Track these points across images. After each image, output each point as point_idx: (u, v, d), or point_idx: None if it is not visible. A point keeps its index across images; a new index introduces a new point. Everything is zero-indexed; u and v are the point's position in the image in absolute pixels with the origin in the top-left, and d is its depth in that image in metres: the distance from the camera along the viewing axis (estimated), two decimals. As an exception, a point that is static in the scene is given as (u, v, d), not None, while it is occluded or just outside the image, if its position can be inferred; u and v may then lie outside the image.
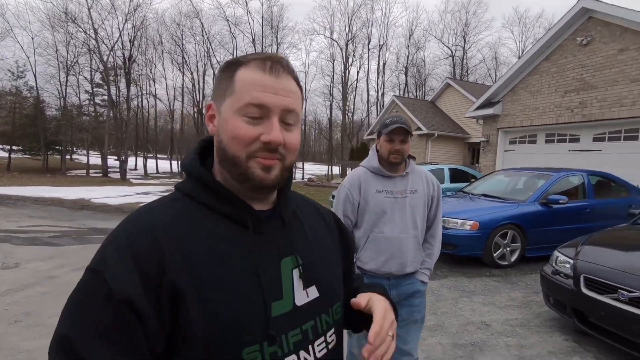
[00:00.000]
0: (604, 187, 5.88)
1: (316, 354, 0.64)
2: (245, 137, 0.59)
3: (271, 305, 0.59)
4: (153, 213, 0.60)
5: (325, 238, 0.77)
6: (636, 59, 7.60)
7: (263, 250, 0.62)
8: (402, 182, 1.77)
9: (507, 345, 2.91)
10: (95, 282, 0.53)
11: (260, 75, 0.60)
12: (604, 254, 3.01)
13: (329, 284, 0.71)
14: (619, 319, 2.57)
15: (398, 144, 1.68)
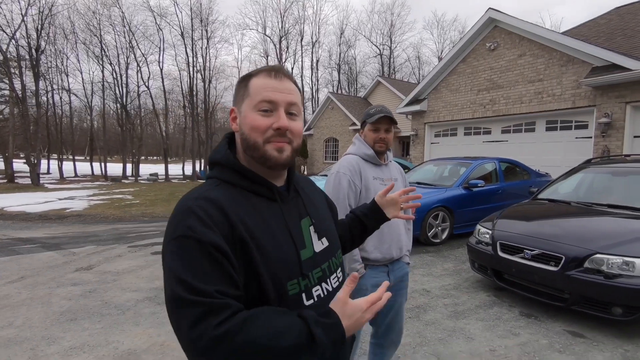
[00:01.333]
0: (511, 172, 6.98)
1: (332, 285, 0.87)
2: (261, 126, 0.79)
3: (300, 252, 0.81)
4: (212, 193, 0.77)
5: (322, 203, 1.04)
6: (532, 63, 9.02)
7: (288, 214, 0.84)
8: (387, 170, 1.88)
9: (445, 305, 3.49)
10: (190, 242, 0.69)
11: (268, 80, 0.81)
12: (513, 224, 3.74)
13: (333, 235, 0.96)
14: (524, 272, 3.28)
15: (383, 133, 1.78)
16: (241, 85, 0.85)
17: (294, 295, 0.76)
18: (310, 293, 0.80)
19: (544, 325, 3.06)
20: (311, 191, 1.01)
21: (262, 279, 0.73)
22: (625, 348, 2.69)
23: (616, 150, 7.47)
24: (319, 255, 0.86)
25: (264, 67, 0.85)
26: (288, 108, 0.82)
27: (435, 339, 2.85)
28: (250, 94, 0.82)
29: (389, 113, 1.78)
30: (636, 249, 2.82)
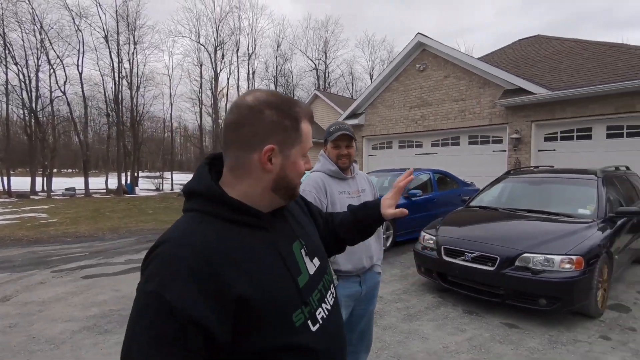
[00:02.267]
0: (443, 182, 7.65)
1: (330, 303, 0.88)
2: (304, 171, 0.84)
3: (297, 279, 0.78)
4: (198, 237, 0.69)
5: (306, 220, 1.02)
6: (455, 84, 10.06)
7: (280, 242, 0.80)
8: (353, 183, 1.94)
9: (398, 309, 3.70)
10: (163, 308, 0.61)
11: (310, 127, 0.84)
12: (454, 229, 4.13)
13: (322, 251, 0.96)
14: (466, 273, 3.63)
15: (344, 149, 1.86)
16: (289, 125, 0.79)
17: (300, 325, 0.75)
18: (315, 318, 0.79)
19: (484, 320, 3.41)
20: (296, 210, 1.00)
21: (267, 321, 0.70)
22: (550, 334, 3.12)
23: (525, 162, 8.62)
24: (314, 276, 0.85)
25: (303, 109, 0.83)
26: None
27: (394, 342, 3.01)
28: (302, 141, 0.81)
29: (347, 130, 1.86)
30: (554, 247, 3.31)
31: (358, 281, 1.89)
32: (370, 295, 1.97)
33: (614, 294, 4.06)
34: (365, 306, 1.97)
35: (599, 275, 3.38)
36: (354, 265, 1.85)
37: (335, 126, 1.91)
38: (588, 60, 8.72)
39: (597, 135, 7.77)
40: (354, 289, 1.87)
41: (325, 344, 0.80)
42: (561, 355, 2.77)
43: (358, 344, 2.04)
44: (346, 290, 1.84)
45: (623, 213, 3.91)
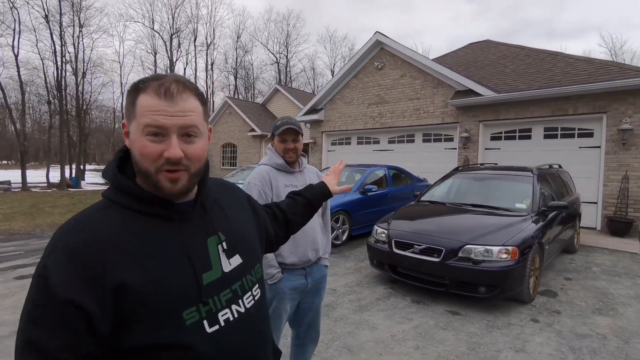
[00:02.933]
0: (398, 177, 7.92)
1: (245, 305, 0.83)
2: (151, 154, 0.71)
3: (202, 276, 0.75)
4: (91, 222, 0.70)
5: (241, 213, 0.97)
6: (411, 83, 10.41)
7: (191, 235, 0.77)
8: (301, 176, 1.95)
9: (350, 301, 3.79)
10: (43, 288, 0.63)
11: (157, 101, 0.70)
12: (404, 223, 4.29)
13: (249, 250, 0.90)
14: (415, 265, 3.80)
15: (291, 143, 1.86)
16: (129, 99, 0.74)
17: (192, 324, 0.71)
18: (215, 318, 0.75)
19: (430, 308, 3.59)
20: (230, 201, 0.96)
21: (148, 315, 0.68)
22: (488, 319, 3.36)
23: (473, 159, 9.14)
24: (229, 275, 0.81)
25: (155, 80, 0.73)
26: (183, 132, 0.73)
27: (344, 332, 3.09)
28: (136, 115, 0.72)
29: (293, 124, 1.87)
30: (493, 239, 3.56)
31: (304, 274, 1.91)
32: (317, 288, 2.00)
33: (545, 280, 4.45)
34: (312, 299, 2.00)
35: (532, 264, 3.68)
36: (299, 258, 1.87)
37: (281, 120, 1.91)
38: (530, 65, 9.40)
39: (536, 136, 8.42)
40: (299, 282, 1.89)
41: (221, 348, 0.75)
42: (496, 338, 3.00)
43: (305, 337, 2.07)
44: (291, 283, 1.86)
45: (553, 207, 4.28)
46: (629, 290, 4.16)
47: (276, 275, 1.82)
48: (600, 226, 7.48)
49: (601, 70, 7.62)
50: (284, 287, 1.84)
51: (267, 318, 0.95)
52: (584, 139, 7.79)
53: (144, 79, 0.74)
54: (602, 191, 7.42)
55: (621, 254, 5.78)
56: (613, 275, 4.68)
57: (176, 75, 0.76)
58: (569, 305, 3.70)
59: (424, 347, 2.86)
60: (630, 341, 2.98)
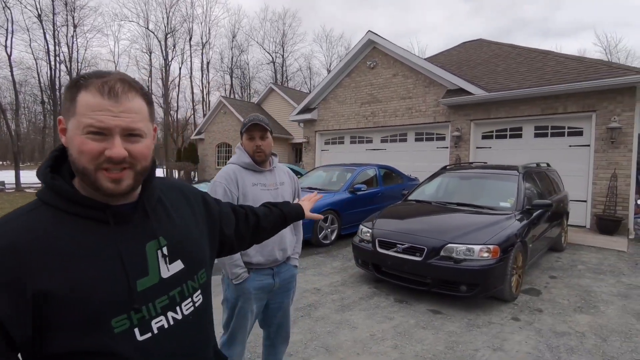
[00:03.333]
0: (388, 177, 7.92)
1: (183, 312, 0.80)
2: (91, 152, 0.68)
3: (136, 282, 0.72)
4: (8, 226, 0.67)
5: (190, 216, 0.92)
6: (403, 82, 10.41)
7: (128, 239, 0.74)
8: (271, 175, 1.93)
9: (333, 300, 3.79)
10: None
11: (100, 100, 0.67)
12: (389, 222, 4.29)
13: (194, 255, 0.86)
14: (397, 264, 3.80)
15: (258, 141, 1.84)
16: (67, 95, 0.70)
17: (121, 332, 0.69)
18: (148, 326, 0.73)
19: (412, 307, 3.60)
20: (178, 203, 0.91)
21: (72, 324, 0.65)
22: (469, 318, 3.37)
23: (464, 158, 9.15)
24: (168, 281, 0.78)
25: (98, 77, 0.70)
26: (127, 132, 0.71)
27: (324, 332, 3.08)
28: (77, 112, 0.68)
29: (261, 121, 1.84)
30: (475, 238, 3.56)
31: (271, 274, 1.90)
32: (286, 289, 1.99)
33: (529, 279, 4.46)
34: (281, 299, 1.99)
35: (514, 262, 3.69)
36: (266, 258, 1.86)
37: (249, 118, 1.89)
38: (521, 64, 9.42)
39: (527, 134, 8.44)
40: (266, 282, 1.88)
41: (151, 356, 0.73)
42: (475, 337, 3.00)
43: (275, 337, 2.07)
44: (256, 283, 1.85)
45: (538, 205, 4.29)
46: (612, 288, 4.18)
47: (242, 275, 1.81)
48: (589, 224, 7.51)
49: (590, 69, 7.64)
50: (250, 287, 1.83)
51: (210, 324, 0.93)
52: (573, 138, 7.81)
53: (86, 75, 0.70)
54: (591, 189, 7.44)
55: (608, 252, 5.80)
56: (598, 274, 4.70)
57: (121, 74, 0.73)
58: (551, 304, 3.70)
59: (402, 346, 2.86)
60: (609, 339, 2.99)
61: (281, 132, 19.86)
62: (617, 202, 7.07)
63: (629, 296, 3.93)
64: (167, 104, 29.72)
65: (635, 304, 3.70)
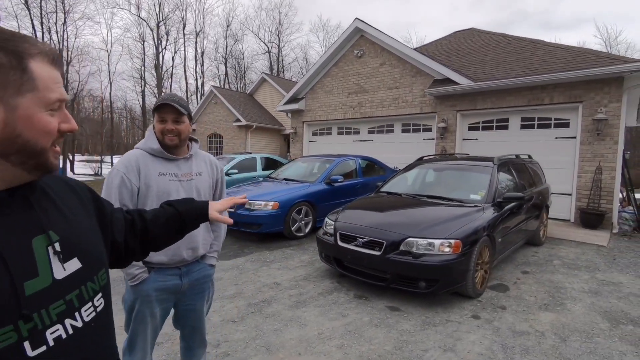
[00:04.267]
0: (370, 168, 7.74)
1: (84, 319, 0.69)
2: (54, 130, 0.64)
3: (23, 285, 0.60)
4: None
5: (81, 210, 0.80)
6: (390, 72, 10.16)
7: (9, 233, 0.62)
8: (186, 164, 1.71)
9: (290, 296, 3.63)
10: None
11: (55, 72, 0.65)
12: (352, 215, 4.12)
13: (91, 253, 0.75)
14: (357, 258, 3.63)
15: (170, 124, 1.61)
16: (6, 63, 0.59)
17: (6, 348, 0.56)
18: (42, 338, 0.61)
19: (370, 304, 3.44)
20: (70, 199, 0.79)
21: None
22: (427, 315, 3.21)
23: (450, 150, 8.96)
24: (63, 283, 0.66)
25: (42, 45, 0.64)
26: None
27: (270, 330, 2.93)
28: (38, 87, 0.61)
29: (175, 101, 1.60)
30: (437, 232, 3.39)
31: (178, 274, 1.71)
32: (199, 290, 1.81)
33: (500, 274, 4.31)
34: (192, 301, 1.80)
35: (478, 257, 3.53)
36: (170, 257, 1.66)
37: (162, 96, 1.64)
38: (509, 54, 9.17)
39: (513, 126, 8.23)
40: (170, 283, 1.69)
41: None
42: (427, 336, 2.85)
43: (190, 340, 1.90)
44: (158, 284, 1.66)
45: (509, 198, 4.11)
46: (584, 284, 4.03)
47: (138, 276, 1.62)
48: (573, 218, 7.35)
49: (578, 59, 7.40)
50: (149, 289, 1.64)
51: (112, 331, 0.81)
52: (560, 129, 7.61)
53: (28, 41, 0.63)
54: (576, 183, 7.27)
55: (587, 246, 5.65)
56: (572, 269, 4.55)
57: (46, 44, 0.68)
58: (517, 300, 3.55)
59: (349, 345, 2.71)
60: (569, 339, 2.84)
61: (273, 122, 19.59)
62: (602, 196, 6.90)
63: (599, 293, 3.78)
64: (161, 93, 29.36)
65: (603, 302, 3.56)
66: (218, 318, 3.12)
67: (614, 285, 4.01)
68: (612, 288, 3.93)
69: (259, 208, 5.59)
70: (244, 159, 9.03)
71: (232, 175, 8.48)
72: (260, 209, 5.59)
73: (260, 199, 5.68)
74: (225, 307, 3.34)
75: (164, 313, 1.74)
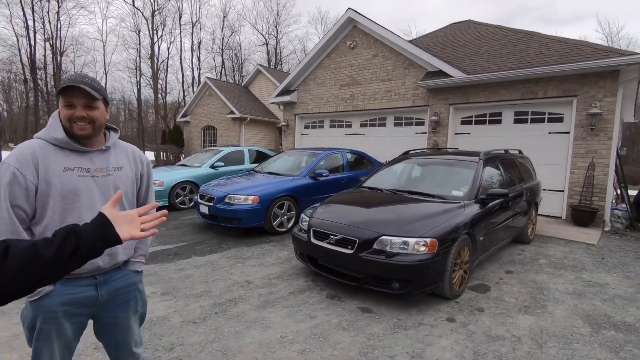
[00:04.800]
0: (358, 162, 7.55)
1: None
2: None
3: None
4: None
5: None
6: (383, 64, 9.91)
7: None
8: (101, 158, 1.47)
9: (259, 295, 3.47)
10: None
11: None
12: (328, 210, 3.94)
13: None
14: (330, 257, 3.46)
15: (81, 110, 1.36)
16: None
17: None
18: None
19: (342, 305, 3.28)
20: None
21: None
22: (400, 317, 3.05)
23: (442, 144, 8.76)
24: None
25: None
26: None
27: (231, 333, 2.76)
28: None
29: (83, 83, 1.34)
30: (412, 230, 3.21)
31: (93, 284, 1.47)
32: (121, 300, 1.57)
33: (483, 273, 4.15)
34: (114, 314, 1.57)
35: (457, 257, 3.36)
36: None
37: (67, 76, 1.40)
38: (504, 46, 8.92)
39: (506, 120, 8.02)
40: (82, 295, 1.45)
41: None
42: (397, 341, 2.69)
43: (114, 355, 1.66)
44: (67, 297, 1.41)
45: (493, 195, 3.93)
46: (568, 285, 3.87)
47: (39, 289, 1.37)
48: (565, 215, 7.19)
49: (574, 51, 7.18)
50: (53, 304, 1.39)
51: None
52: (553, 124, 7.41)
53: None
54: (568, 179, 7.09)
55: (577, 245, 5.50)
56: (558, 269, 4.39)
57: None
58: (496, 302, 3.39)
59: (311, 351, 2.54)
60: (546, 345, 2.68)
61: (267, 115, 19.33)
62: (594, 193, 6.73)
63: (583, 294, 3.63)
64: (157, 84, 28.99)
65: (587, 304, 3.40)
66: (178, 319, 2.95)
67: (600, 287, 3.85)
68: (597, 289, 3.78)
69: (238, 202, 5.42)
70: (231, 151, 8.82)
71: (219, 168, 8.28)
72: (239, 203, 5.41)
73: (240, 192, 5.50)
74: (188, 307, 3.17)
75: (78, 327, 1.50)
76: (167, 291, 3.50)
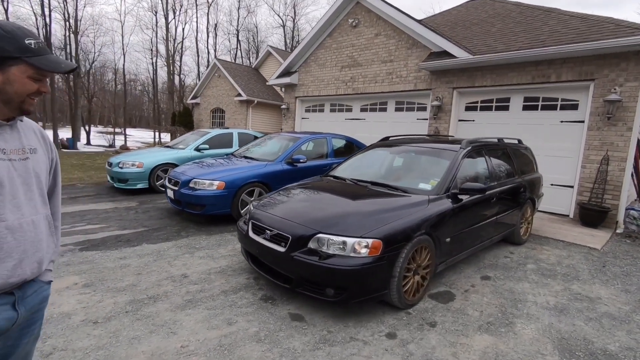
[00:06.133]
0: (346, 148, 7.02)
1: None
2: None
3: None
4: None
5: None
6: (385, 43, 9.21)
7: None
8: (13, 136, 1.15)
9: (186, 292, 3.11)
10: None
11: None
12: (274, 201, 3.51)
13: None
14: (264, 254, 3.05)
15: (44, 85, 1.15)
16: None
17: None
18: None
19: (273, 309, 2.87)
20: None
21: None
22: (332, 329, 2.62)
23: (444, 132, 8.09)
24: None
25: None
26: None
27: (127, 338, 2.42)
28: None
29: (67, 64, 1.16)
30: (355, 228, 2.74)
31: (10, 302, 1.13)
32: (33, 320, 1.25)
33: (454, 278, 3.64)
34: (17, 340, 1.20)
35: (410, 261, 2.88)
36: (5, 279, 1.08)
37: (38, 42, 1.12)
38: (519, 24, 8.04)
39: (514, 107, 7.26)
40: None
41: None
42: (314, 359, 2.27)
43: None
44: None
45: (467, 190, 3.38)
46: (551, 297, 3.32)
47: None
48: (572, 214, 6.47)
49: (594, 29, 6.30)
50: None
51: None
52: (567, 112, 6.61)
53: None
54: (579, 173, 6.34)
55: (577, 248, 4.85)
56: (546, 277, 3.82)
57: None
58: (455, 315, 2.90)
59: (205, 367, 2.16)
60: (495, 376, 2.20)
61: (275, 98, 18.87)
62: (607, 190, 5.98)
63: (565, 311, 3.07)
64: (171, 66, 28.97)
65: (565, 324, 2.85)
66: (81, 317, 2.63)
67: (589, 302, 3.28)
68: (584, 305, 3.21)
69: (202, 187, 5.06)
70: (219, 134, 8.46)
71: (204, 151, 7.96)
72: (204, 189, 5.06)
73: (205, 177, 5.14)
74: (101, 303, 2.85)
75: None
76: (90, 283, 3.20)
